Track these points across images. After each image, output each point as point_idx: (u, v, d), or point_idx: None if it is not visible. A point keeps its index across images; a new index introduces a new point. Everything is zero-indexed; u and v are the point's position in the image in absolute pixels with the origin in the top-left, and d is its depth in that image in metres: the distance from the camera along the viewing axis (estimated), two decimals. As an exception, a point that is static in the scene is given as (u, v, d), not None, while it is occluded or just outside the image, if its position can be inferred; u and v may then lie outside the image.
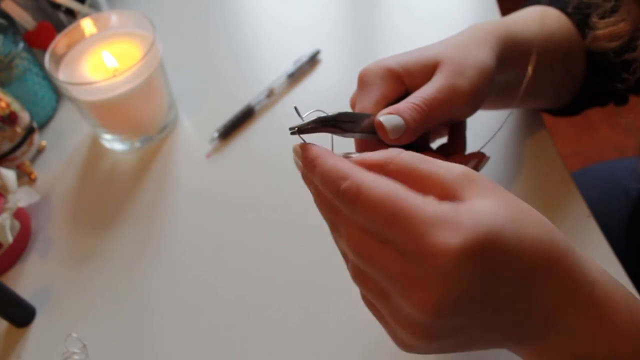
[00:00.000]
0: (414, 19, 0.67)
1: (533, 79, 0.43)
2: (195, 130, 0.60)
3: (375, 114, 0.35)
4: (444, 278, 0.22)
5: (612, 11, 0.38)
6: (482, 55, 0.37)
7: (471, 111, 0.38)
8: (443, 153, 0.39)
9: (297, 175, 0.55)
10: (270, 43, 0.68)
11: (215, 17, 0.73)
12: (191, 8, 0.74)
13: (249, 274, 0.47)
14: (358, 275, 0.27)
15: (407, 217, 0.23)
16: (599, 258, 0.43)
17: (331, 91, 0.61)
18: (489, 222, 0.23)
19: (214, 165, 0.56)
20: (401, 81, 0.37)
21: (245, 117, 0.59)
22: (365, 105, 0.36)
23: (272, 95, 0.61)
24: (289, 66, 0.62)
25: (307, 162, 0.30)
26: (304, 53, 0.63)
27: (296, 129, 0.32)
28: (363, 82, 0.38)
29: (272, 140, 0.57)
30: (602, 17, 0.38)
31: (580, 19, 0.44)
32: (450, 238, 0.22)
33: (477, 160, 0.37)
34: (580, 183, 0.49)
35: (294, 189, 0.52)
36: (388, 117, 0.33)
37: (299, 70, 0.62)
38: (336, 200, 0.26)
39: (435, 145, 0.42)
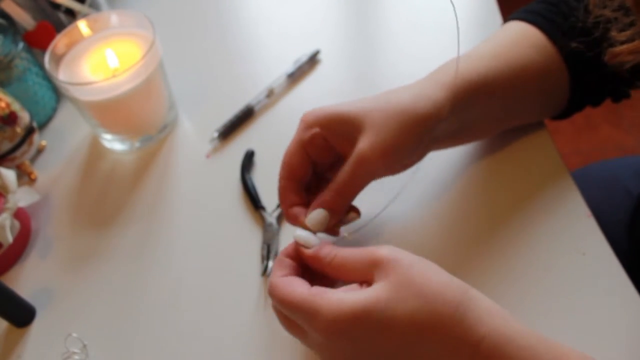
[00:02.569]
0: (413, 19, 0.67)
1: (503, 114, 0.47)
2: (195, 130, 0.60)
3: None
4: (326, 347, 0.33)
5: (631, 25, 0.38)
6: (410, 119, 0.40)
7: (385, 170, 0.42)
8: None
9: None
10: (270, 43, 0.68)
11: (215, 17, 0.73)
12: (191, 8, 0.74)
13: (249, 274, 0.47)
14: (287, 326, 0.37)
15: (298, 309, 0.33)
16: (599, 258, 0.43)
17: (331, 91, 0.61)
18: (358, 307, 0.31)
19: (214, 165, 0.56)
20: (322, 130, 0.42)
21: (245, 117, 0.59)
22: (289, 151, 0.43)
23: (272, 95, 0.61)
24: (288, 66, 0.62)
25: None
26: (304, 53, 0.63)
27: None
28: (300, 122, 0.43)
29: (272, 140, 0.57)
30: (622, 31, 0.38)
31: (566, 45, 0.44)
32: (321, 321, 0.32)
33: (355, 214, 0.42)
34: (581, 182, 0.49)
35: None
36: (314, 217, 0.40)
37: (299, 70, 0.62)
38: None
39: None
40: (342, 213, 0.41)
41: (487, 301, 0.32)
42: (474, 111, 0.44)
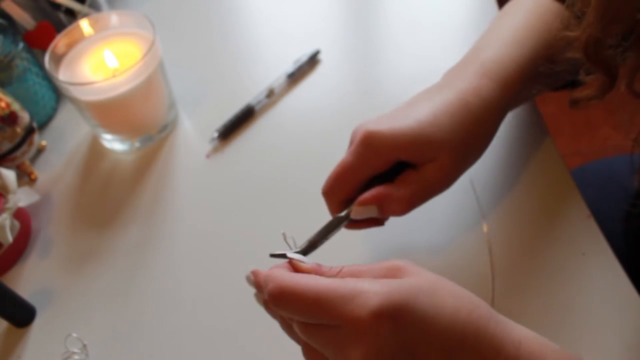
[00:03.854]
0: (414, 19, 0.67)
1: (544, 87, 0.45)
2: (195, 130, 0.60)
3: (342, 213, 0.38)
4: (364, 336, 0.27)
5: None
6: (486, 132, 0.40)
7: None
8: None
9: (297, 175, 0.56)
10: (270, 43, 0.68)
11: (215, 17, 0.73)
12: (191, 8, 0.74)
13: (249, 274, 0.47)
14: (308, 352, 0.31)
15: (327, 301, 0.28)
16: (599, 258, 0.43)
17: (331, 91, 0.61)
18: (404, 290, 0.27)
19: (214, 165, 0.56)
20: (399, 155, 0.38)
21: (245, 117, 0.59)
22: (358, 170, 0.38)
23: (272, 95, 0.61)
24: (289, 66, 0.62)
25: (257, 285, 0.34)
26: (304, 53, 0.63)
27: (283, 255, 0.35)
28: (364, 147, 0.38)
29: (272, 140, 0.57)
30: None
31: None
32: (364, 304, 0.27)
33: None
34: (579, 179, 0.49)
35: (294, 189, 0.53)
36: (361, 211, 0.37)
37: (299, 70, 0.62)
38: (270, 304, 0.30)
39: None
40: (391, 216, 0.39)
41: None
42: (521, 96, 0.44)
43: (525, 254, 0.45)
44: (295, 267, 0.33)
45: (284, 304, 0.29)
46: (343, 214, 0.38)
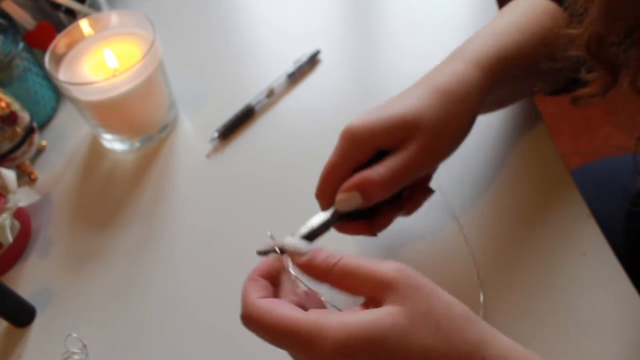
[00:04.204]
0: (413, 19, 0.67)
1: (523, 87, 0.45)
2: (195, 130, 0.60)
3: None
4: None
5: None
6: (464, 112, 0.39)
7: (441, 163, 0.40)
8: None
9: (297, 175, 0.56)
10: (270, 43, 0.68)
11: (215, 17, 0.73)
12: (191, 8, 0.74)
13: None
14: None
15: (290, 338, 0.29)
16: (599, 258, 0.43)
17: (331, 91, 0.61)
18: (369, 332, 0.27)
19: (214, 165, 0.56)
20: (376, 143, 0.38)
21: (245, 117, 0.59)
22: (341, 166, 0.38)
23: (272, 95, 0.61)
24: (289, 66, 0.62)
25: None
26: (304, 53, 0.63)
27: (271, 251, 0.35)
28: (344, 142, 0.38)
29: (272, 140, 0.57)
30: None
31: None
32: (322, 346, 0.27)
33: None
34: (579, 180, 0.49)
35: (294, 189, 0.53)
36: (344, 199, 0.37)
37: (299, 70, 0.62)
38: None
39: None
40: (375, 202, 0.38)
41: (507, 340, 0.29)
42: (505, 86, 0.43)
43: (525, 254, 0.45)
44: (291, 260, 0.33)
45: (253, 330, 0.31)
46: (329, 211, 0.38)
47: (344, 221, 0.39)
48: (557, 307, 0.41)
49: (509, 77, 0.42)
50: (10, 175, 0.50)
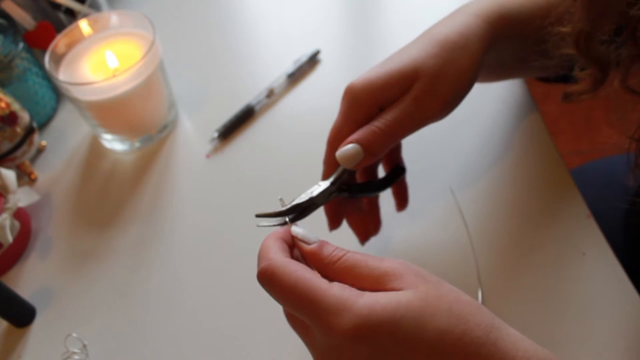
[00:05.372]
0: (413, 19, 0.67)
1: (526, 55, 0.44)
2: (195, 130, 0.60)
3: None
4: (338, 353, 0.27)
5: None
6: (465, 60, 0.38)
7: (442, 117, 0.39)
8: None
9: (297, 175, 0.56)
10: (270, 43, 0.68)
11: (215, 17, 0.73)
12: (191, 8, 0.74)
13: (249, 273, 0.47)
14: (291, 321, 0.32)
15: (311, 303, 0.27)
16: (599, 258, 0.43)
17: (331, 91, 0.61)
18: (388, 310, 0.27)
19: (214, 165, 0.56)
20: (377, 100, 0.38)
21: (245, 117, 0.59)
22: (344, 128, 0.38)
23: (272, 95, 0.61)
24: (289, 66, 0.62)
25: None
26: (304, 53, 0.63)
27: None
28: (345, 102, 0.39)
29: (272, 140, 0.57)
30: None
31: None
32: (343, 321, 0.27)
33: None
34: (579, 179, 0.49)
35: (294, 188, 0.52)
36: (344, 150, 0.37)
37: (299, 70, 0.62)
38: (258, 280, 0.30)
39: None
40: (378, 156, 0.37)
41: (514, 330, 0.29)
42: (508, 46, 0.43)
43: (525, 254, 0.45)
44: (297, 245, 0.32)
45: (270, 288, 0.29)
46: (331, 178, 0.38)
47: (342, 196, 0.39)
48: (557, 307, 0.41)
49: (511, 35, 0.41)
50: (10, 175, 0.50)
